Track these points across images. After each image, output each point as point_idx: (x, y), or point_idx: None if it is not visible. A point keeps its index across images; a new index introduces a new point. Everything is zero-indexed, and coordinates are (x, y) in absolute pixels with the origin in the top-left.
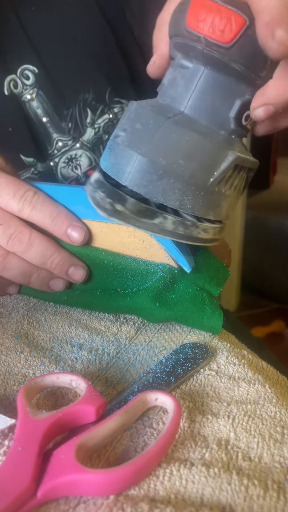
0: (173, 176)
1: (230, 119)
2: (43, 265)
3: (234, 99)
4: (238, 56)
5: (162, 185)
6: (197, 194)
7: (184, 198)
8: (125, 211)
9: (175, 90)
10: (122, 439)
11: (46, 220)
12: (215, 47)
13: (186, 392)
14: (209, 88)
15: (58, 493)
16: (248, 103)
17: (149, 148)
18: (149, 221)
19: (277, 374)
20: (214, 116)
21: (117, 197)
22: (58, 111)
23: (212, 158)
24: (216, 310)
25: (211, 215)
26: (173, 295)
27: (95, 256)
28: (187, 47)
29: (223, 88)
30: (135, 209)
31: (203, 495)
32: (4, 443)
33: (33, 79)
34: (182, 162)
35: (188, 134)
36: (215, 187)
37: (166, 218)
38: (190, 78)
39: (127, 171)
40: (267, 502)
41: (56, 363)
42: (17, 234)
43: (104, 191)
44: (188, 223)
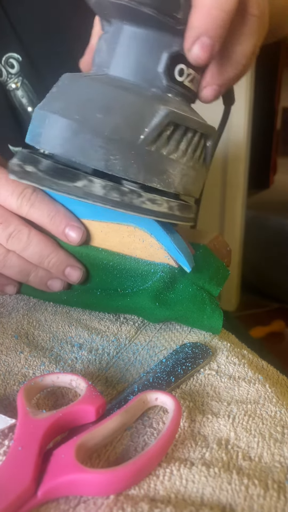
0: (90, 131)
1: (160, 75)
2: (40, 264)
3: (160, 52)
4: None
5: (79, 142)
6: (126, 153)
7: (110, 158)
8: (37, 172)
9: (99, 56)
10: (122, 439)
11: (44, 219)
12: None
13: (186, 392)
14: (131, 44)
15: (58, 493)
16: (178, 56)
17: (61, 105)
18: (70, 184)
19: (277, 374)
20: (142, 73)
21: (30, 159)
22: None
23: (138, 112)
24: (216, 310)
25: (155, 182)
26: (173, 294)
27: (94, 255)
28: (98, 6)
29: (146, 41)
30: (49, 170)
31: (203, 494)
32: (4, 443)
33: (18, 68)
34: (99, 115)
35: (105, 88)
36: (150, 146)
37: (92, 181)
38: (111, 39)
39: (40, 132)
40: (267, 502)
41: (56, 363)
42: (16, 233)
43: (18, 157)
44: (124, 189)
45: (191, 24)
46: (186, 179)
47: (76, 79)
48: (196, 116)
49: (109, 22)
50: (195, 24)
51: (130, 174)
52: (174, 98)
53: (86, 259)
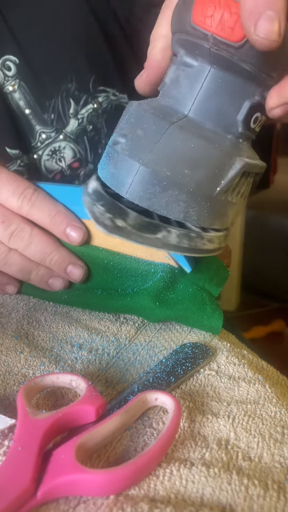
0: (178, 187)
1: (238, 122)
2: (42, 262)
3: (242, 100)
4: (249, 56)
5: (166, 197)
6: (203, 205)
7: (189, 210)
8: (126, 227)
9: (178, 90)
10: (122, 439)
11: (45, 219)
12: (224, 46)
13: (186, 392)
14: (216, 89)
15: (58, 493)
16: (257, 105)
17: (152, 158)
18: (152, 236)
19: (277, 374)
20: (221, 119)
21: (118, 211)
22: (40, 103)
23: (219, 166)
24: (216, 310)
25: (216, 224)
26: (174, 294)
27: (95, 255)
28: (192, 45)
29: (231, 89)
30: (136, 224)
31: (203, 495)
32: (4, 443)
33: (15, 70)
34: (187, 172)
35: (194, 141)
36: (222, 196)
37: (170, 232)
38: (195, 78)
39: (128, 182)
40: (267, 502)
41: (56, 363)
42: (18, 231)
43: (104, 205)
44: (193, 235)
45: (280, 93)
46: (237, 215)
47: (162, 125)
48: (257, 158)
49: (196, 58)
50: (283, 94)
51: (201, 222)
52: (245, 143)
53: (86, 259)
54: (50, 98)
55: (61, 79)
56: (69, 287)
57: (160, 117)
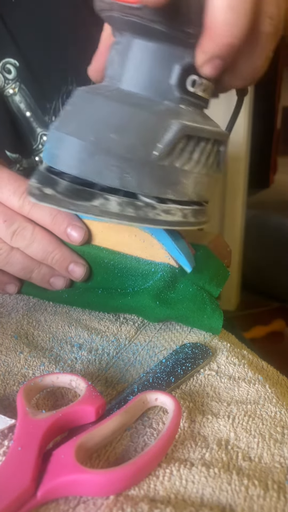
0: (105, 151)
1: (172, 87)
2: (44, 261)
3: (171, 64)
4: (153, 15)
5: (94, 163)
6: (140, 170)
7: (124, 175)
8: (55, 194)
9: (112, 68)
10: (122, 439)
11: (46, 218)
12: (128, 10)
13: (186, 392)
14: (143, 57)
15: (58, 493)
16: (190, 67)
17: (76, 127)
18: (87, 203)
19: (277, 374)
20: (154, 87)
21: (48, 181)
22: (41, 105)
23: (151, 129)
24: (216, 310)
25: (169, 194)
26: (174, 294)
27: (96, 254)
28: (110, 19)
29: (157, 55)
30: (67, 191)
31: (203, 495)
32: (4, 443)
33: (15, 73)
34: (113, 136)
35: (119, 107)
36: (163, 161)
37: (108, 199)
38: (123, 51)
39: (57, 154)
40: (267, 502)
41: (56, 363)
42: (20, 230)
43: (36, 177)
44: (139, 203)
45: (203, 48)
46: (199, 186)
47: (90, 97)
48: (209, 124)
49: (121, 33)
50: (207, 49)
51: (144, 189)
52: (187, 108)
53: (87, 258)
54: (51, 100)
55: (61, 81)
56: (70, 286)
57: (90, 92)
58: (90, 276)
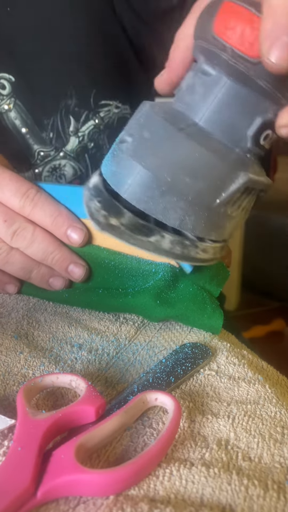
0: (177, 194)
1: (247, 137)
2: (44, 261)
3: (254, 116)
4: (264, 73)
5: (163, 202)
6: (200, 215)
7: (185, 218)
8: (119, 227)
9: (192, 97)
10: (122, 439)
11: (47, 220)
12: (242, 60)
13: (186, 392)
14: (230, 101)
15: (58, 493)
16: (268, 122)
17: (154, 162)
18: (145, 239)
19: (277, 374)
20: (231, 132)
21: (113, 209)
22: (38, 121)
23: (222, 178)
24: (217, 310)
25: (213, 236)
26: (174, 294)
27: (96, 254)
28: (211, 54)
29: (245, 103)
30: (130, 225)
31: (203, 495)
32: (4, 443)
33: (10, 89)
34: (188, 180)
35: (199, 151)
36: (221, 208)
37: (164, 237)
38: (211, 87)
39: (128, 183)
40: (267, 502)
41: (56, 363)
42: (21, 231)
43: (100, 201)
44: (187, 242)
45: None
46: (235, 228)
47: (170, 130)
48: (263, 174)
49: (214, 67)
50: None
51: (196, 231)
52: (253, 160)
53: (88, 258)
54: (49, 116)
55: (60, 96)
56: (70, 287)
57: (170, 122)
58: (90, 276)
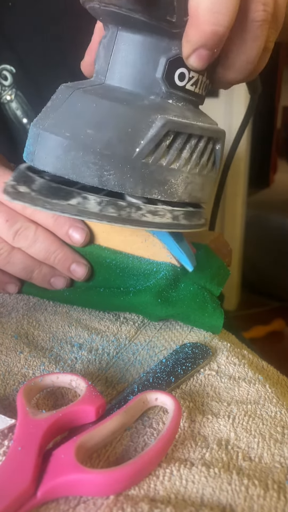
0: (81, 147)
1: (158, 81)
2: (46, 260)
3: (157, 57)
4: (132, 4)
5: (70, 159)
6: (121, 168)
7: (104, 173)
8: (29, 192)
9: (98, 63)
10: (122, 439)
11: (49, 220)
12: (107, 0)
13: (186, 392)
14: (127, 50)
15: (58, 493)
16: (177, 59)
17: (52, 122)
18: (63, 202)
19: (277, 374)
20: (140, 81)
21: (23, 178)
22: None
23: (132, 124)
24: (217, 309)
25: (156, 194)
26: (175, 293)
27: (98, 254)
28: (93, 11)
29: (142, 47)
30: (43, 189)
31: (203, 495)
32: (4, 443)
33: (11, 80)
34: (90, 131)
35: (97, 101)
36: (147, 158)
37: (87, 198)
38: (108, 45)
39: (33, 150)
40: (268, 502)
41: (56, 363)
42: (23, 230)
43: (13, 175)
44: (121, 203)
45: (187, 37)
46: (191, 186)
47: (69, 92)
48: (202, 121)
49: (106, 26)
50: (191, 38)
51: (127, 188)
52: (176, 104)
53: (89, 257)
54: None
55: None
56: (71, 286)
57: (70, 87)
58: (92, 275)
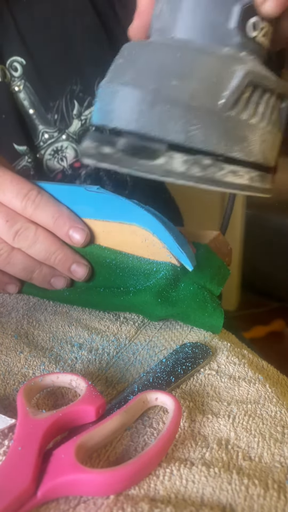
0: (168, 100)
1: (232, 32)
2: (46, 261)
3: (230, 6)
4: None
5: (156, 114)
6: (207, 121)
7: (190, 128)
8: (115, 153)
9: (161, 20)
10: (122, 439)
11: (49, 220)
12: None
13: (186, 392)
14: (197, 1)
15: (58, 493)
16: (250, 8)
17: (131, 76)
18: (150, 162)
19: (277, 374)
20: (212, 32)
21: (105, 139)
22: (44, 103)
23: (216, 74)
24: (217, 309)
25: (237, 152)
26: (175, 292)
27: (98, 254)
28: None
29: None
30: (128, 148)
31: (204, 494)
32: (4, 443)
33: (21, 71)
34: (176, 83)
35: (179, 51)
36: (230, 111)
37: (172, 157)
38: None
39: (112, 109)
40: (268, 502)
41: (56, 363)
42: (23, 230)
43: (91, 138)
44: (206, 162)
45: None
46: (265, 145)
47: (144, 46)
48: (273, 75)
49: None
50: None
51: (211, 144)
52: (249, 56)
53: (89, 257)
54: (55, 99)
55: (66, 81)
56: (71, 286)
57: (143, 43)
58: (92, 275)
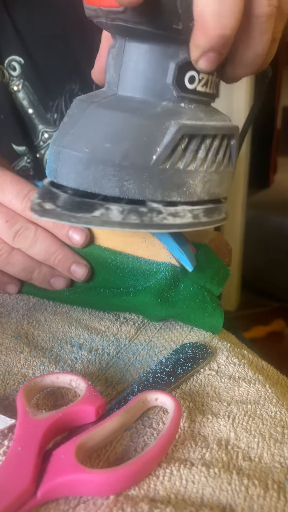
0: (101, 161)
1: (169, 86)
2: (46, 261)
3: (166, 63)
4: (137, 16)
5: (91, 173)
6: (139, 176)
7: (124, 184)
8: (55, 209)
9: (109, 73)
10: (122, 439)
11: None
12: (113, 15)
13: (186, 392)
14: (136, 60)
15: (58, 493)
16: (186, 64)
17: (70, 139)
18: (88, 215)
19: (277, 374)
20: (151, 88)
21: (48, 195)
22: (43, 102)
23: (148, 133)
24: (217, 309)
25: (175, 197)
26: (175, 293)
27: (98, 254)
28: (101, 25)
29: (150, 55)
30: (67, 204)
31: (203, 495)
32: (4, 443)
33: (20, 70)
34: (108, 145)
35: (111, 114)
36: (164, 164)
37: (109, 209)
38: (117, 56)
39: (56, 167)
40: (267, 502)
41: (56, 363)
42: (23, 231)
43: (38, 192)
44: (143, 210)
45: (195, 42)
46: (209, 184)
47: (84, 107)
48: (215, 119)
49: (114, 37)
50: (198, 43)
51: (147, 194)
52: (188, 106)
53: (89, 258)
54: (54, 98)
55: (65, 80)
56: (71, 286)
57: (85, 100)
58: (92, 276)
